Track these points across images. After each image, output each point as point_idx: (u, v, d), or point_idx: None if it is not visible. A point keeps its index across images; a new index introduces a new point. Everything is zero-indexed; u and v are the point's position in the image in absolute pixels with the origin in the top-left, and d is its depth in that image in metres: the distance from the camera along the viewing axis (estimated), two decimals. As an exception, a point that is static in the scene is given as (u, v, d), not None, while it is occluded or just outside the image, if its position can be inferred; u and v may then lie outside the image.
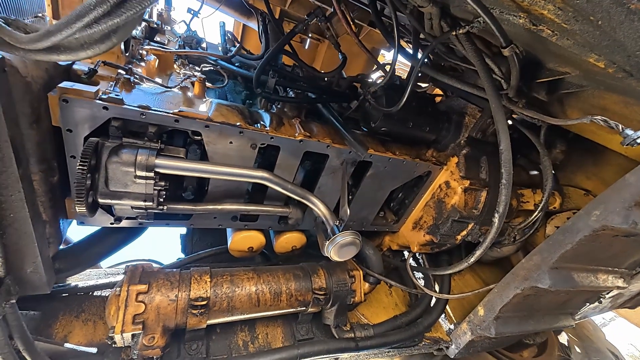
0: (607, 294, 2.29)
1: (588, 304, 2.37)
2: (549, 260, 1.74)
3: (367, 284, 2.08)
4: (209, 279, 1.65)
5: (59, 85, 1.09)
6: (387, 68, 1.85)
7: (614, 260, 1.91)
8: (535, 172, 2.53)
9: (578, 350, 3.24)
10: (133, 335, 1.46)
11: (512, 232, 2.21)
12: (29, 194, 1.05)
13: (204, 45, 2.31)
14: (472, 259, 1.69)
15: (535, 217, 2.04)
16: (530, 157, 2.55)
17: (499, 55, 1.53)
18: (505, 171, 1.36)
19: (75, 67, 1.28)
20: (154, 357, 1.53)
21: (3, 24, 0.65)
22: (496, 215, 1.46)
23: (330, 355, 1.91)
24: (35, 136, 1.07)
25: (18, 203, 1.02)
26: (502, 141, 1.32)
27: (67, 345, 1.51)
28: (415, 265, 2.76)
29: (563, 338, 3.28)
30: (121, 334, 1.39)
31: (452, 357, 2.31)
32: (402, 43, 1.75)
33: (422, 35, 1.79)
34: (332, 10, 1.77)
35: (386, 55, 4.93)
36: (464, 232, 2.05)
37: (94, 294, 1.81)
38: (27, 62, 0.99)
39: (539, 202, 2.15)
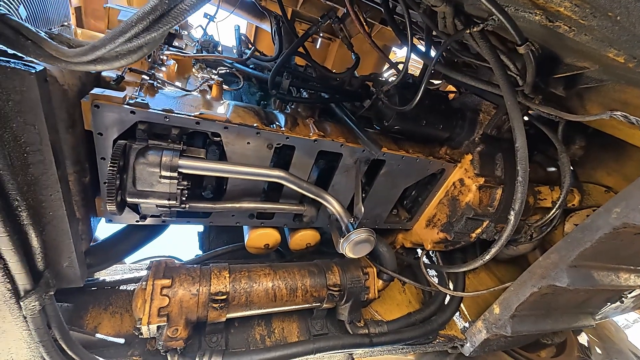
0: (629, 293, 2.23)
1: (609, 303, 2.31)
2: (568, 258, 1.71)
3: (380, 281, 2.11)
4: (228, 275, 1.72)
5: (91, 92, 1.17)
6: (400, 66, 1.86)
7: (637, 259, 1.86)
8: (553, 169, 2.48)
9: (599, 351, 3.16)
10: (158, 327, 1.54)
11: (529, 230, 2.18)
12: (65, 193, 1.13)
13: (219, 48, 2.38)
14: (487, 257, 1.69)
15: (552, 214, 2.01)
16: (548, 153, 2.50)
17: (514, 52, 1.52)
18: (521, 169, 1.35)
19: (104, 74, 1.36)
20: (177, 348, 1.61)
21: (48, 39, 0.71)
22: (512, 212, 1.46)
23: (345, 351, 1.94)
24: (70, 140, 1.15)
25: (57, 202, 1.10)
26: (517, 138, 1.31)
27: (97, 335, 1.61)
28: (429, 263, 2.76)
29: (583, 338, 3.20)
30: (147, 326, 1.47)
31: (467, 355, 2.31)
32: (415, 40, 1.76)
33: (434, 33, 1.79)
34: (344, 11, 1.79)
35: (397, 53, 4.90)
36: (479, 230, 2.04)
37: (120, 288, 1.91)
38: (64, 72, 1.07)
39: (556, 199, 2.11)
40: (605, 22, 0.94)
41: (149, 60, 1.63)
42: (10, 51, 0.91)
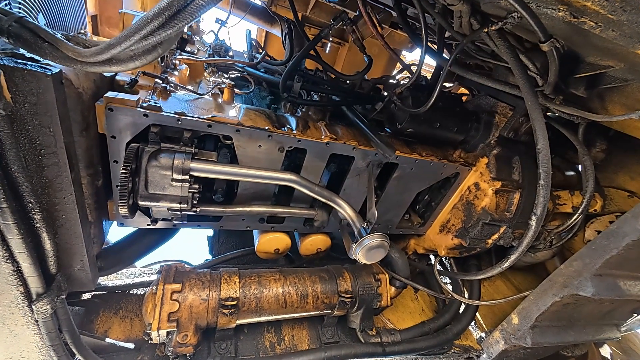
0: (658, 304, 2.10)
1: (635, 315, 2.19)
2: (592, 266, 1.63)
3: (393, 288, 2.05)
4: (238, 280, 1.69)
5: (105, 95, 1.18)
6: (413, 68, 1.83)
7: (667, 268, 1.76)
8: (572, 173, 2.39)
9: (623, 365, 3.00)
10: (168, 333, 1.52)
11: (548, 237, 2.09)
12: (79, 196, 1.13)
13: (231, 53, 2.39)
14: (507, 264, 1.62)
15: (575, 220, 1.93)
16: (566, 156, 2.42)
17: (532, 51, 1.47)
18: (543, 171, 1.29)
19: (117, 78, 1.37)
20: (187, 354, 1.59)
21: (65, 40, 0.71)
22: (533, 217, 1.40)
23: (357, 360, 1.88)
24: (84, 143, 1.16)
25: (70, 205, 1.09)
26: (539, 140, 1.26)
27: (107, 340, 1.60)
28: (443, 269, 2.68)
29: (606, 351, 3.04)
30: (157, 331, 1.45)
31: (484, 366, 2.21)
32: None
33: (447, 34, 1.75)
34: (356, 13, 1.78)
35: (407, 56, 4.88)
36: (496, 236, 1.97)
37: (131, 292, 1.91)
38: (79, 74, 1.07)
39: (578, 204, 2.02)
40: (636, 17, 0.90)
41: (162, 64, 1.64)
42: (27, 54, 0.92)
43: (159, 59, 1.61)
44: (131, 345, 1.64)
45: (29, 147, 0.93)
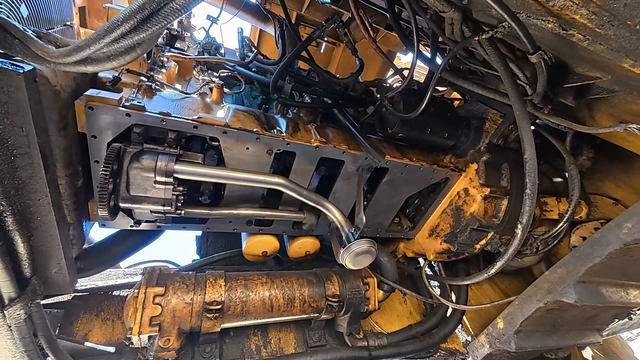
0: (639, 310, 2.15)
1: (617, 320, 2.24)
2: (575, 273, 1.65)
3: (381, 292, 2.05)
4: (224, 283, 1.67)
5: (85, 93, 1.13)
6: (405, 73, 1.82)
7: (647, 276, 1.80)
8: (559, 179, 2.42)
9: (604, 367, 3.06)
10: (149, 337, 1.49)
11: (535, 242, 2.11)
12: (55, 197, 1.09)
13: (222, 51, 2.35)
14: (493, 270, 1.63)
15: (561, 227, 1.95)
16: (554, 163, 2.44)
17: (523, 60, 1.48)
18: (529, 181, 1.30)
19: (100, 75, 1.33)
20: (169, 359, 1.56)
21: (35, 38, 0.67)
22: (519, 226, 1.40)
23: (343, 364, 1.88)
24: (62, 142, 1.11)
25: (45, 207, 1.05)
26: (526, 149, 1.26)
27: (87, 344, 1.55)
28: (431, 273, 2.69)
29: (588, 353, 3.10)
30: (138, 336, 1.42)
31: (469, 370, 2.23)
32: (420, 47, 1.72)
33: (440, 39, 1.74)
34: (349, 15, 1.76)
35: (402, 59, 4.88)
36: (483, 242, 1.98)
37: (113, 293, 1.86)
38: (57, 72, 1.03)
39: (564, 211, 2.05)
40: (623, 31, 0.90)
41: (149, 61, 1.59)
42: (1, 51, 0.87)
43: (145, 56, 1.56)
44: (112, 349, 1.60)
45: (0, 147, 0.89)
